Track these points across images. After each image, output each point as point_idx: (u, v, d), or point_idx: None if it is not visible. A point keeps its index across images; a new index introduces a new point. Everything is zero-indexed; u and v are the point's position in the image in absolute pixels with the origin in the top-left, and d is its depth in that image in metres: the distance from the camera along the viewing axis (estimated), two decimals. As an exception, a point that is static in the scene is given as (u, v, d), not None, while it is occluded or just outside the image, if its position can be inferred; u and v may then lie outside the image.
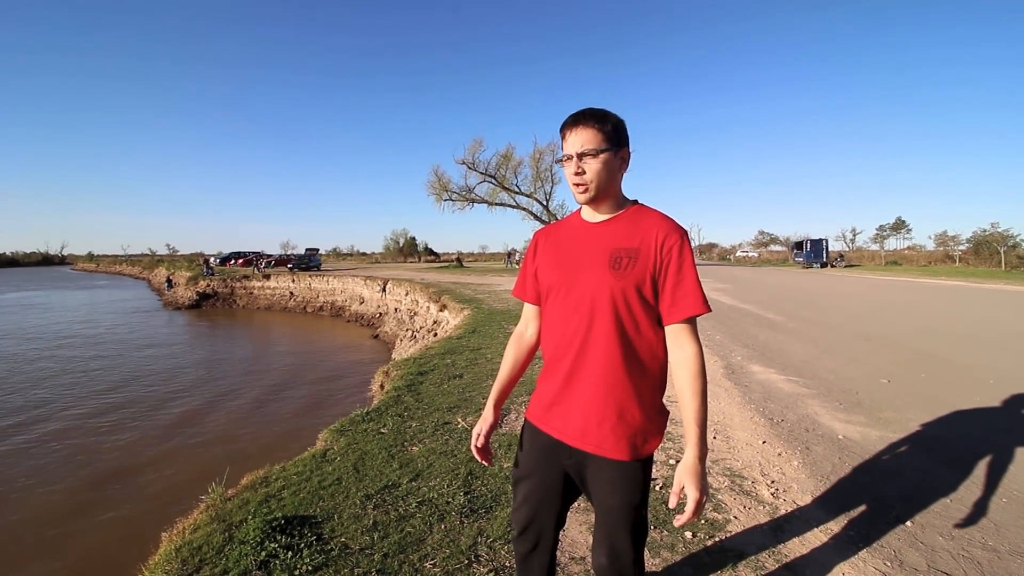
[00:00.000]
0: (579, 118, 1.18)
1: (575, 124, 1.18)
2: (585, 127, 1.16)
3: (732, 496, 2.53)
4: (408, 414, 3.73)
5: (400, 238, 64.43)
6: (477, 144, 30.31)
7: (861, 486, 2.62)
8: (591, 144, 1.15)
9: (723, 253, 72.75)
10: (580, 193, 1.19)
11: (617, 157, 1.19)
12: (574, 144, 1.17)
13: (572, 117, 1.19)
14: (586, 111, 1.19)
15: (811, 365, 5.36)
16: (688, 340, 1.14)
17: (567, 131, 1.19)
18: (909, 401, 4.04)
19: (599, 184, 1.17)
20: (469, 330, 7.68)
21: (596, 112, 1.18)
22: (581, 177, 1.17)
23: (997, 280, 18.62)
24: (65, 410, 8.24)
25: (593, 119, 1.16)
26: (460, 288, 15.55)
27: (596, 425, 1.16)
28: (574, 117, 1.19)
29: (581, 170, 1.16)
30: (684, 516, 1.08)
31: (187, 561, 1.95)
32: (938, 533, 2.18)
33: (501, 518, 2.25)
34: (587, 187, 1.17)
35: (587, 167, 1.16)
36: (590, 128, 1.16)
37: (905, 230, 59.11)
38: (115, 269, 60.73)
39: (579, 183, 1.18)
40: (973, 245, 32.73)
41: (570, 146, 1.18)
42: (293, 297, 24.25)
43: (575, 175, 1.18)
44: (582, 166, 1.16)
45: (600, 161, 1.16)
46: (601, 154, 1.16)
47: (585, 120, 1.17)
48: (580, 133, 1.16)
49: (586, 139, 1.16)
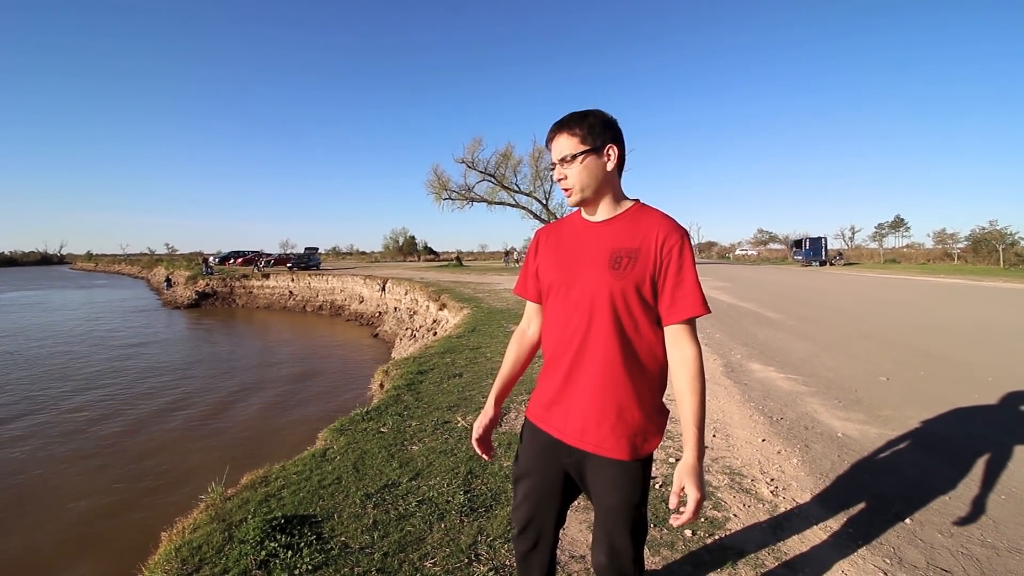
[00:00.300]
0: (557, 126, 1.22)
1: (554, 133, 1.23)
2: (560, 134, 1.21)
3: (732, 494, 2.53)
4: (408, 413, 3.73)
5: (400, 237, 64.49)
6: (476, 143, 30.37)
7: (860, 484, 2.62)
8: (568, 149, 1.19)
9: (722, 251, 72.83)
10: (568, 197, 1.24)
11: (601, 156, 1.19)
12: (555, 152, 1.23)
13: (553, 125, 1.24)
14: (564, 118, 1.22)
15: (810, 363, 5.37)
16: (687, 341, 1.15)
17: (549, 140, 1.25)
18: (908, 399, 4.05)
19: (583, 186, 1.20)
20: (469, 329, 7.68)
21: (574, 116, 1.21)
22: (565, 182, 1.22)
23: (995, 278, 18.64)
24: (61, 410, 8.24)
25: (568, 125, 1.20)
26: (460, 287, 15.55)
27: (596, 424, 1.16)
28: (554, 125, 1.24)
29: (563, 176, 1.21)
30: (685, 516, 1.08)
31: (187, 561, 1.95)
32: (937, 530, 2.18)
33: (501, 517, 2.25)
34: (571, 191, 1.22)
35: (568, 172, 1.20)
36: (564, 134, 1.20)
37: (904, 228, 59.23)
38: (114, 268, 60.58)
39: (565, 188, 1.23)
40: (972, 243, 32.78)
41: (553, 154, 1.23)
42: (292, 296, 24.22)
43: (559, 181, 1.23)
44: (564, 172, 1.21)
45: (579, 163, 1.19)
46: (578, 157, 1.18)
47: (561, 127, 1.21)
48: (558, 141, 1.22)
49: (563, 146, 1.20)
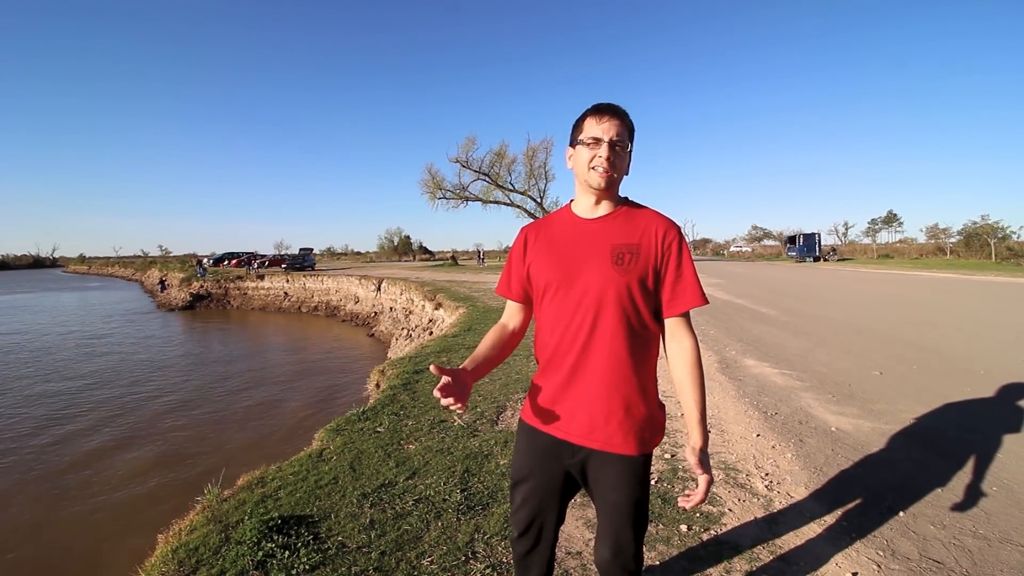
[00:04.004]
0: (614, 109, 1.20)
1: (611, 113, 1.19)
2: (619, 119, 1.19)
3: (727, 489, 2.55)
4: (404, 412, 3.72)
5: (394, 237, 64.36)
6: (470, 142, 30.27)
7: (854, 477, 2.65)
8: (624, 136, 1.19)
9: (717, 248, 73.07)
10: (601, 178, 1.17)
11: (630, 155, 1.23)
12: (608, 131, 1.17)
13: (607, 105, 1.21)
14: (616, 106, 1.21)
15: (804, 358, 5.40)
16: (685, 332, 1.19)
17: (601, 116, 1.18)
18: (901, 392, 4.08)
19: (619, 176, 1.21)
20: (464, 328, 7.67)
21: (621, 108, 1.21)
22: (611, 164, 1.17)
23: (987, 272, 18.83)
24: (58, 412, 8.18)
25: (624, 114, 1.20)
26: (455, 286, 15.52)
27: (603, 421, 1.17)
28: (609, 106, 1.20)
29: (612, 158, 1.17)
30: (696, 497, 1.13)
31: (184, 562, 1.94)
32: (930, 522, 2.20)
33: (498, 515, 2.25)
34: (611, 175, 1.17)
35: (617, 157, 1.18)
36: (622, 121, 1.19)
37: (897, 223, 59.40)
38: (107, 271, 60.17)
39: (606, 169, 1.16)
40: (964, 238, 33.10)
41: (604, 131, 1.17)
42: (288, 297, 24.13)
43: (606, 160, 1.16)
44: (614, 155, 1.17)
45: (627, 154, 1.21)
46: (628, 147, 1.20)
47: (619, 113, 1.20)
48: (615, 123, 1.18)
49: (620, 130, 1.18)
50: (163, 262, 47.24)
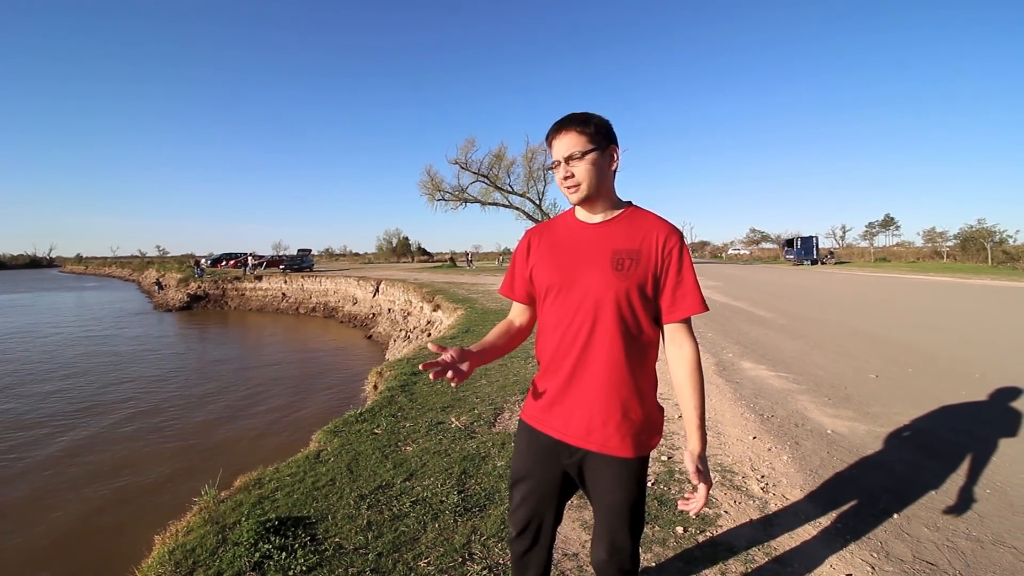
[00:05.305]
0: (562, 124, 1.22)
1: (559, 130, 1.22)
2: (568, 132, 1.20)
3: (723, 491, 2.56)
4: (402, 414, 3.73)
5: (393, 238, 64.27)
6: (470, 144, 30.35)
7: (849, 480, 2.66)
8: (577, 147, 1.19)
9: (715, 251, 73.30)
10: (572, 193, 1.23)
11: (605, 155, 1.22)
12: (560, 150, 1.21)
13: (556, 124, 1.23)
14: (568, 117, 1.22)
15: (801, 361, 5.43)
16: (686, 338, 1.20)
17: (553, 138, 1.23)
18: (896, 395, 4.10)
19: (590, 183, 1.20)
20: (463, 330, 7.68)
21: (578, 116, 1.22)
22: (572, 180, 1.20)
23: (983, 275, 18.92)
24: (55, 412, 8.15)
25: (575, 123, 1.20)
26: (454, 288, 15.53)
27: (601, 424, 1.18)
28: (558, 124, 1.23)
29: (570, 173, 1.20)
30: (696, 505, 1.15)
31: (180, 563, 1.94)
32: (924, 524, 2.22)
33: (495, 516, 2.26)
34: (578, 187, 1.21)
35: (575, 170, 1.20)
36: (573, 132, 1.20)
37: (894, 227, 59.76)
38: (104, 271, 59.98)
39: (570, 185, 1.21)
40: (960, 241, 33.21)
41: (557, 152, 1.22)
42: (285, 298, 24.08)
43: (565, 179, 1.21)
44: (571, 169, 1.20)
45: (587, 161, 1.19)
46: (587, 155, 1.19)
47: (568, 125, 1.20)
48: (564, 138, 1.21)
49: (572, 143, 1.19)
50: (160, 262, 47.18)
